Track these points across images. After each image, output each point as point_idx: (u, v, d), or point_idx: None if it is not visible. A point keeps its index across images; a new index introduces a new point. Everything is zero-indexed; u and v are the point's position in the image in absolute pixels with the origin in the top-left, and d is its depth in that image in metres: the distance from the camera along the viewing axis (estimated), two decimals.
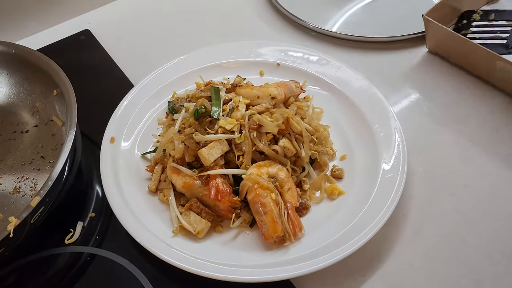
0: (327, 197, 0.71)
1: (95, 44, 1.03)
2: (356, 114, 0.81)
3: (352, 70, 0.86)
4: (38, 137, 0.82)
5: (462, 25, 0.93)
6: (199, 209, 0.66)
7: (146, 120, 0.81)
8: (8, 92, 0.87)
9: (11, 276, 0.66)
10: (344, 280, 0.64)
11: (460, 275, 0.65)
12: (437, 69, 0.93)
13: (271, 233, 0.62)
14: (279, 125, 0.68)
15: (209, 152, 0.66)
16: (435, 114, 0.86)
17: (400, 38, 0.98)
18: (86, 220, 0.72)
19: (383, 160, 0.72)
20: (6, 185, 0.75)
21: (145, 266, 0.65)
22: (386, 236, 0.68)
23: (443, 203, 0.73)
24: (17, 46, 0.84)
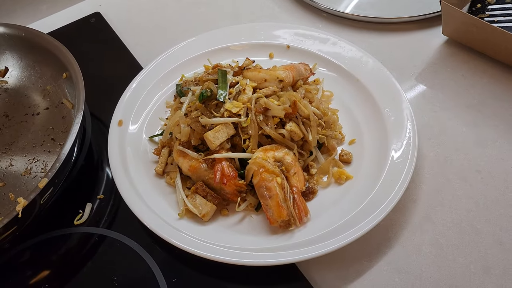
0: (334, 182, 0.70)
1: (105, 26, 1.03)
2: (367, 97, 0.79)
3: (363, 53, 0.84)
4: (49, 119, 0.83)
5: (477, 9, 0.90)
6: (205, 192, 0.66)
7: (154, 103, 0.81)
8: (19, 74, 0.88)
9: (23, 255, 0.68)
10: (350, 265, 0.64)
11: (469, 261, 0.64)
12: (453, 52, 0.90)
13: (276, 217, 0.62)
14: (286, 108, 0.67)
15: (215, 135, 0.66)
16: (449, 99, 0.83)
17: (414, 19, 0.95)
18: (95, 202, 0.72)
19: (393, 145, 0.71)
20: (18, 166, 0.76)
21: (152, 247, 0.66)
22: (395, 221, 0.68)
23: (454, 189, 0.71)
24: (28, 29, 0.84)
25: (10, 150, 0.79)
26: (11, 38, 0.85)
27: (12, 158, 0.78)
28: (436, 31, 0.94)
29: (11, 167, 0.76)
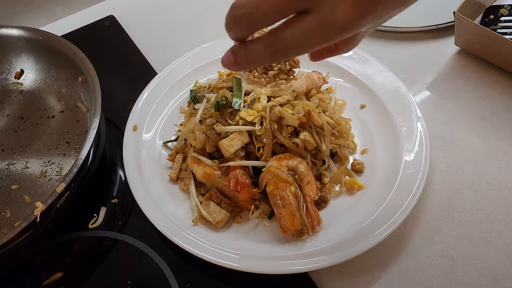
0: (346, 191, 0.71)
1: (120, 30, 1.04)
2: (379, 107, 0.79)
3: (376, 62, 0.85)
4: (64, 122, 0.84)
5: (490, 21, 0.90)
6: (218, 199, 0.67)
7: (168, 108, 0.82)
8: (35, 77, 0.89)
9: (38, 257, 0.69)
10: (361, 275, 0.64)
11: (479, 273, 0.64)
12: (466, 63, 0.91)
13: (289, 226, 0.63)
14: (300, 118, 0.68)
15: (230, 143, 0.67)
16: (460, 110, 0.83)
17: (427, 29, 0.96)
18: (109, 206, 0.73)
19: (405, 155, 0.71)
20: (33, 169, 0.77)
21: (165, 253, 0.67)
22: (406, 232, 0.68)
23: (465, 201, 0.72)
24: (44, 32, 0.85)
25: (25, 152, 0.80)
26: (27, 41, 0.86)
27: (28, 161, 0.79)
28: (448, 41, 0.94)
29: (27, 169, 0.77)
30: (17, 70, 0.89)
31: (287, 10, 0.33)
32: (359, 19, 0.33)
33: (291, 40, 0.34)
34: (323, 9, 0.32)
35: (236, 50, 0.38)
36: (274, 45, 0.35)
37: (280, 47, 0.35)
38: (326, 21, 0.33)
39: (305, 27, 0.33)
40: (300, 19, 0.33)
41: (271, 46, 0.35)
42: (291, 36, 0.34)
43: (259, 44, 0.36)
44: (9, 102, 0.88)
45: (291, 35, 0.34)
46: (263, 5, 0.33)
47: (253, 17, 0.34)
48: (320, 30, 0.33)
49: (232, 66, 0.39)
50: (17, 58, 0.89)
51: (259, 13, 0.33)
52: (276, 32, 0.35)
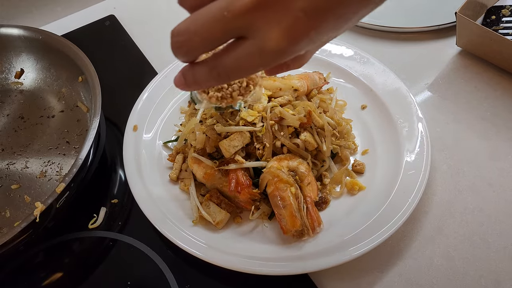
0: (347, 192, 0.71)
1: (120, 29, 1.04)
2: (380, 107, 0.79)
3: (377, 62, 0.84)
4: (64, 122, 0.84)
5: (491, 21, 0.90)
6: (219, 200, 0.67)
7: (168, 108, 0.82)
8: (35, 77, 0.89)
9: (37, 257, 0.69)
10: (362, 276, 0.64)
11: (480, 275, 0.64)
12: (467, 64, 0.90)
13: (290, 227, 0.62)
14: (300, 118, 0.68)
15: (230, 143, 0.66)
16: (462, 110, 0.83)
17: (428, 29, 0.95)
18: (109, 206, 0.73)
19: (406, 156, 0.71)
20: (33, 168, 0.77)
21: (165, 253, 0.67)
22: (406, 233, 0.68)
23: (466, 202, 0.71)
24: (44, 32, 0.85)
25: (25, 152, 0.80)
26: (27, 40, 0.86)
27: (28, 160, 0.78)
28: (450, 42, 0.94)
29: (27, 169, 0.77)
30: (17, 69, 0.89)
31: (224, 38, 0.34)
32: (292, 45, 0.34)
33: (230, 65, 0.35)
34: (257, 37, 0.33)
35: (186, 72, 0.39)
36: (216, 69, 0.36)
37: (221, 72, 0.36)
38: (261, 48, 0.33)
39: (242, 54, 0.34)
40: (237, 45, 0.34)
41: (214, 69, 0.36)
42: (230, 61, 0.35)
43: (204, 67, 0.37)
44: (9, 102, 0.88)
45: (230, 60, 0.35)
46: (200, 32, 0.34)
47: (192, 44, 0.35)
48: (256, 56, 0.34)
49: (184, 87, 0.40)
50: (17, 58, 0.89)
51: (197, 40, 0.34)
52: (217, 56, 0.35)
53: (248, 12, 0.32)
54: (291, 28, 0.32)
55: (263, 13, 0.32)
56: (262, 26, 0.32)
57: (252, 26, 0.32)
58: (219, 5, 0.32)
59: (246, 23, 0.32)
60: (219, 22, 0.33)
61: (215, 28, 0.33)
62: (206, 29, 0.33)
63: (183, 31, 0.34)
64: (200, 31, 0.34)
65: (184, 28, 0.34)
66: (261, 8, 0.31)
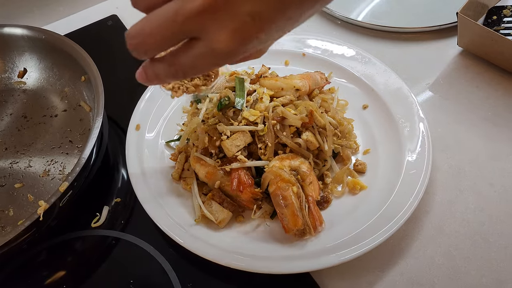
0: (348, 192, 0.71)
1: (122, 29, 1.04)
2: (381, 107, 0.80)
3: (378, 62, 0.85)
4: (67, 121, 0.84)
5: (493, 21, 0.90)
6: (221, 199, 0.67)
7: (171, 108, 0.82)
8: (38, 76, 0.89)
9: (40, 256, 0.69)
10: (363, 275, 0.64)
11: (482, 274, 0.64)
12: (468, 64, 0.91)
13: (292, 226, 0.63)
14: (302, 118, 0.68)
15: (232, 143, 0.67)
16: (463, 110, 0.84)
17: (429, 30, 0.96)
18: (111, 205, 0.74)
19: (407, 156, 0.71)
20: (36, 168, 0.78)
21: (167, 251, 0.67)
22: (408, 232, 0.68)
23: (467, 202, 0.72)
24: (48, 32, 0.86)
25: (28, 151, 0.80)
26: (30, 40, 0.87)
27: (31, 159, 0.79)
28: (451, 42, 0.94)
29: (30, 168, 0.78)
30: (20, 69, 0.90)
31: (176, 39, 0.35)
32: (241, 46, 0.35)
33: (186, 63, 0.37)
34: (207, 39, 0.34)
35: (147, 67, 0.40)
36: (174, 66, 0.37)
37: (178, 69, 0.37)
38: (211, 49, 0.35)
39: (196, 53, 0.36)
40: (191, 45, 0.36)
41: (172, 67, 0.38)
42: (186, 60, 0.37)
43: (163, 64, 0.38)
44: (12, 101, 0.88)
45: (185, 59, 0.36)
46: (153, 34, 0.35)
47: (146, 47, 0.36)
48: (208, 56, 0.36)
49: (145, 82, 0.41)
50: (21, 57, 0.89)
51: (151, 42, 0.35)
52: (174, 54, 0.37)
53: (198, 15, 0.33)
54: (239, 31, 0.34)
55: (212, 15, 0.33)
56: (211, 28, 0.34)
57: (202, 28, 0.34)
58: (171, 8, 0.33)
59: (197, 25, 0.34)
60: (171, 24, 0.34)
61: (168, 30, 0.34)
62: (159, 31, 0.34)
63: (137, 33, 0.36)
64: (154, 33, 0.35)
65: (138, 30, 0.36)
66: (210, 11, 0.33)
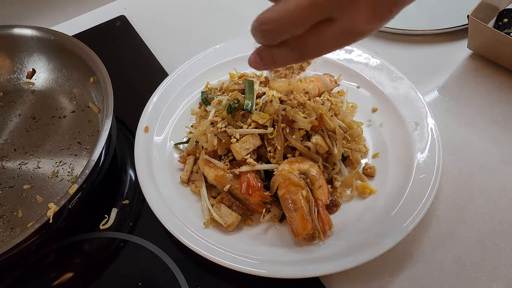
0: (358, 195, 0.71)
1: (131, 30, 1.04)
2: (391, 110, 0.79)
3: (388, 64, 0.84)
4: (75, 122, 0.84)
5: (503, 24, 0.89)
6: (230, 202, 0.67)
7: (179, 110, 0.82)
8: (47, 77, 0.89)
9: (49, 257, 0.69)
10: (372, 280, 0.64)
11: (492, 280, 0.64)
12: (478, 67, 0.90)
13: (301, 230, 0.62)
14: (312, 121, 0.68)
15: (242, 146, 0.66)
16: (473, 114, 0.83)
17: (439, 32, 0.95)
18: (120, 207, 0.73)
19: (417, 160, 0.71)
20: (45, 169, 0.78)
21: (176, 254, 0.67)
22: (418, 237, 0.68)
23: (477, 206, 0.71)
24: (57, 32, 0.86)
25: (37, 152, 0.80)
26: (40, 41, 0.87)
27: (40, 161, 0.79)
28: (461, 45, 0.94)
29: (39, 169, 0.78)
30: (29, 69, 0.90)
31: (313, 21, 0.36)
32: (379, 24, 0.36)
33: (317, 45, 0.38)
34: (346, 19, 0.35)
35: (263, 53, 0.41)
36: (301, 49, 0.38)
37: (306, 51, 0.38)
38: (348, 30, 0.36)
39: (331, 35, 0.37)
40: (326, 27, 0.36)
41: (298, 50, 0.38)
42: (318, 42, 0.37)
43: (286, 48, 0.39)
44: (21, 102, 0.88)
45: (317, 41, 0.37)
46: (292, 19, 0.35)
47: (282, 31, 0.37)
48: (342, 37, 0.37)
49: (260, 67, 0.43)
50: (29, 58, 0.89)
51: (288, 27, 0.36)
52: (303, 37, 0.37)
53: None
54: (379, 9, 0.34)
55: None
56: (351, 8, 0.34)
57: (341, 9, 0.34)
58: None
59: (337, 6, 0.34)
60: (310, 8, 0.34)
61: (308, 13, 0.35)
62: (300, 15, 0.35)
63: (276, 18, 0.36)
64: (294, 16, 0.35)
65: (277, 15, 0.36)
66: None
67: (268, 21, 0.36)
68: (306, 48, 0.38)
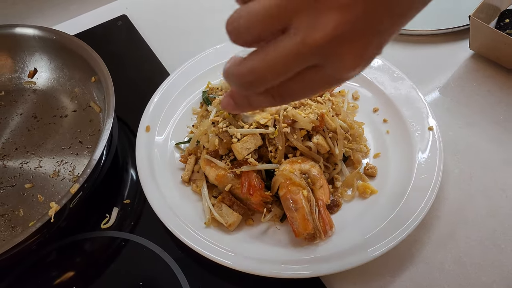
0: (359, 196, 0.71)
1: (132, 30, 1.04)
2: (392, 110, 0.79)
3: (389, 65, 0.84)
4: (77, 122, 0.84)
5: (505, 24, 0.89)
6: (231, 201, 0.67)
7: (181, 109, 0.82)
8: (48, 76, 0.90)
9: (50, 256, 0.69)
10: (373, 280, 0.64)
11: (493, 280, 0.64)
12: (480, 67, 0.90)
13: (302, 230, 0.62)
14: (313, 121, 0.68)
15: (243, 145, 0.66)
16: (474, 114, 0.83)
17: (440, 32, 0.95)
18: (121, 206, 0.74)
19: (418, 160, 0.71)
20: (47, 168, 0.78)
21: (177, 254, 0.67)
22: (418, 238, 0.68)
23: (478, 207, 0.71)
24: (58, 32, 0.86)
25: (38, 151, 0.80)
26: (41, 40, 0.87)
27: (41, 160, 0.79)
28: (462, 45, 0.94)
29: (40, 168, 0.78)
30: (30, 69, 0.90)
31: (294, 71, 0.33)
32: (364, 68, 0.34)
33: (299, 91, 0.35)
34: (332, 66, 0.32)
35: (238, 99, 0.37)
36: (282, 96, 0.35)
37: (287, 97, 0.36)
38: (334, 76, 0.34)
39: (315, 82, 0.34)
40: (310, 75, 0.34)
41: (278, 97, 0.36)
42: (300, 88, 0.35)
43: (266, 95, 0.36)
44: (23, 101, 0.88)
45: (300, 87, 0.35)
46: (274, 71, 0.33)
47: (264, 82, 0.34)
48: (327, 82, 0.35)
49: (233, 110, 0.39)
50: (31, 57, 0.89)
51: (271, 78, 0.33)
52: (285, 83, 0.34)
53: (326, 43, 0.31)
54: (366, 54, 0.33)
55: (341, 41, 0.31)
56: (338, 55, 0.32)
57: (328, 57, 0.32)
58: (293, 40, 0.31)
59: (323, 54, 0.31)
60: (294, 57, 0.31)
61: (291, 63, 0.32)
62: (283, 66, 0.32)
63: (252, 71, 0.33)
64: (277, 68, 0.32)
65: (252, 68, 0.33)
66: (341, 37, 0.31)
67: (249, 72, 0.33)
68: (288, 94, 0.35)
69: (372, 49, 0.33)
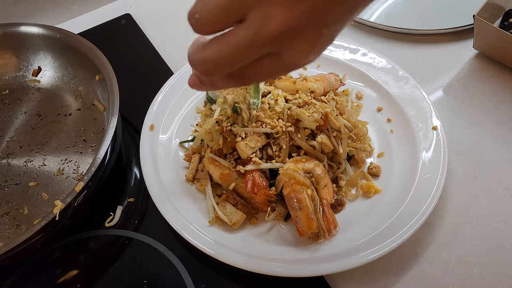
0: (363, 195, 0.71)
1: (136, 28, 1.04)
2: (396, 110, 0.79)
3: (393, 64, 0.84)
4: (81, 120, 0.84)
5: (509, 24, 0.89)
6: (235, 200, 0.67)
7: (185, 108, 0.82)
8: (52, 75, 0.90)
9: (54, 254, 0.69)
10: (377, 279, 0.64)
11: (497, 280, 0.64)
12: (484, 67, 0.90)
13: (306, 229, 0.62)
14: (317, 120, 0.68)
15: (247, 144, 0.67)
16: (478, 114, 0.83)
17: (444, 32, 0.95)
18: (125, 205, 0.74)
19: (422, 159, 0.71)
20: (51, 166, 0.78)
21: (181, 252, 0.67)
22: (422, 237, 0.68)
23: (482, 206, 0.71)
24: (62, 30, 0.86)
25: (43, 150, 0.80)
26: (46, 39, 0.87)
27: (45, 158, 0.79)
28: (466, 45, 0.93)
29: (44, 166, 0.78)
30: (35, 67, 0.90)
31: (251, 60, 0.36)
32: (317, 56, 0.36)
33: (257, 74, 0.37)
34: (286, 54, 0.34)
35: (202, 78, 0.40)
36: (241, 78, 0.38)
37: (246, 79, 0.38)
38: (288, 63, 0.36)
39: (271, 67, 0.36)
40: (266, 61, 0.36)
41: (238, 79, 0.38)
42: (258, 72, 0.37)
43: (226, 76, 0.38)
44: (27, 100, 0.88)
45: (258, 71, 0.37)
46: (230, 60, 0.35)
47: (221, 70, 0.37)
48: (282, 68, 0.37)
49: (199, 89, 0.43)
50: (35, 56, 0.90)
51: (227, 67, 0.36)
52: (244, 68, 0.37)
53: (279, 35, 0.32)
54: (318, 44, 0.34)
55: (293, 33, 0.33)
56: (291, 45, 0.34)
57: (281, 46, 0.34)
58: (247, 31, 0.33)
59: (276, 44, 0.33)
60: (249, 47, 0.34)
61: (246, 53, 0.34)
62: (238, 54, 0.34)
63: (212, 61, 0.36)
64: (232, 57, 0.35)
65: (213, 59, 0.36)
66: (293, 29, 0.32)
67: (208, 61, 0.36)
68: (246, 76, 0.38)
69: (323, 39, 0.34)
